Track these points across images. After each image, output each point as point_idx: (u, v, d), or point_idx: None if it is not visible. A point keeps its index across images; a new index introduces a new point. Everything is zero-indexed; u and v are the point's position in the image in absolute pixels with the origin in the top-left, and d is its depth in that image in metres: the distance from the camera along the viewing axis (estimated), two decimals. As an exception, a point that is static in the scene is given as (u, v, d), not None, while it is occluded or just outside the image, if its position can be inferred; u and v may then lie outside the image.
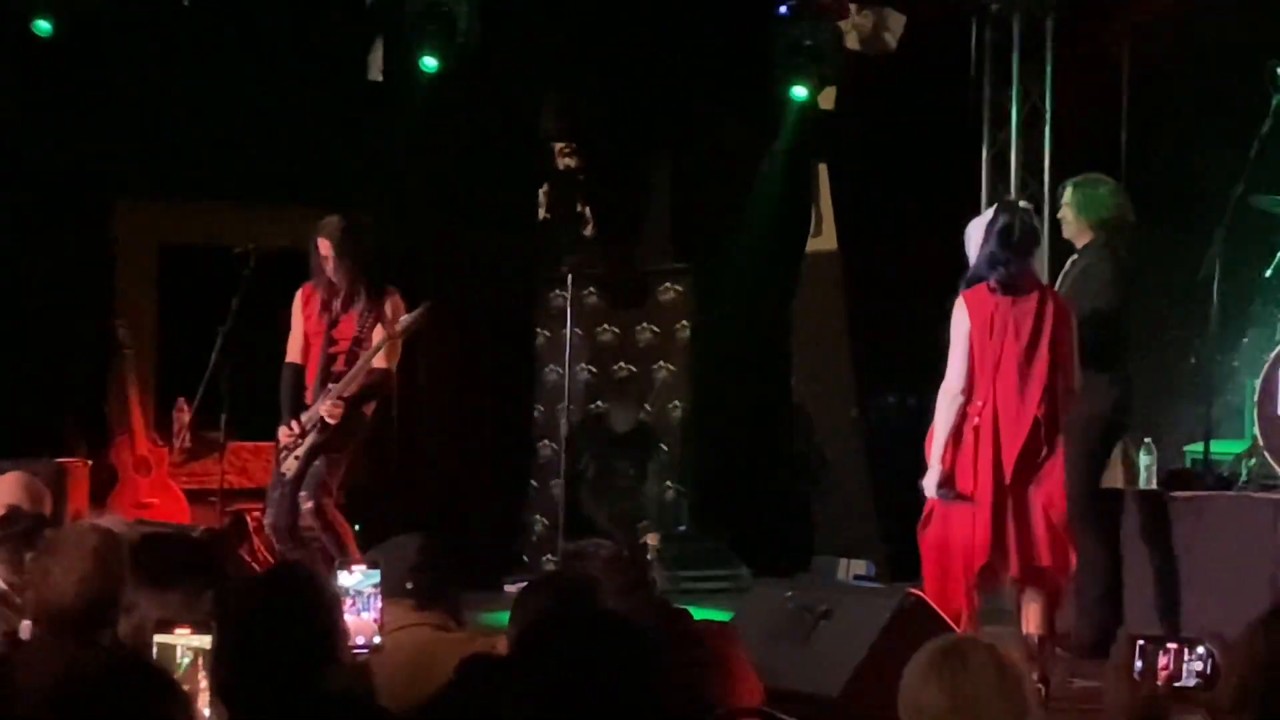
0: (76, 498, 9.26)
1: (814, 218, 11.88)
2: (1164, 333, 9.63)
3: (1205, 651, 3.49)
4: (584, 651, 3.07)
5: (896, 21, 11.26)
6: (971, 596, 7.07)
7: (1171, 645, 3.54)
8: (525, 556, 11.39)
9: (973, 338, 7.11)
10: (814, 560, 11.15)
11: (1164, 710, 3.49)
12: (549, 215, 11.73)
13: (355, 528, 8.83)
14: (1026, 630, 7.15)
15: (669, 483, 11.55)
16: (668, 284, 11.71)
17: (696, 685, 4.69)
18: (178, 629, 3.96)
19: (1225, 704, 3.07)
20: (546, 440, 11.65)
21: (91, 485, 9.67)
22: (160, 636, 3.97)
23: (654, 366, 11.74)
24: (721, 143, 11.47)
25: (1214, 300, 8.70)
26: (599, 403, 11.80)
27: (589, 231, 11.80)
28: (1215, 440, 8.87)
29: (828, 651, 6.59)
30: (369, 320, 8.58)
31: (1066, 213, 8.52)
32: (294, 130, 10.64)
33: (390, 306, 8.59)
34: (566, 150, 11.86)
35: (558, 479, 11.03)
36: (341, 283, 8.64)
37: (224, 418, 9.35)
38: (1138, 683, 3.52)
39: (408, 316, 8.58)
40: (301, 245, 8.84)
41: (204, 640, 3.81)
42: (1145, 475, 8.86)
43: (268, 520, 8.79)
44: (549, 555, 11.08)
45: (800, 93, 11.00)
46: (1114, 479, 9.05)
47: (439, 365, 10.95)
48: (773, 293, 11.61)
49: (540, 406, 11.76)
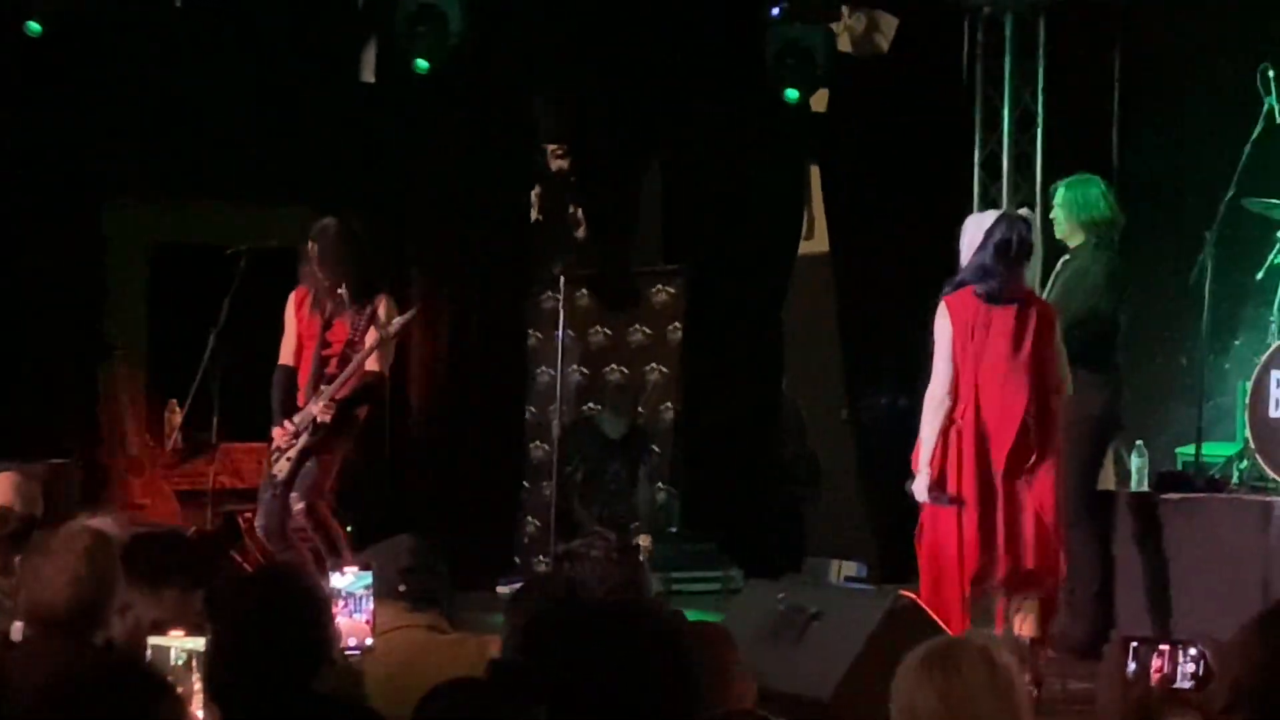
0: (68, 499, 9.25)
1: (806, 220, 11.88)
2: (1156, 335, 9.63)
3: (1198, 653, 3.49)
4: (584, 650, 3.06)
5: (889, 24, 11.27)
6: (966, 605, 7.07)
7: (1164, 646, 3.54)
8: (517, 558, 11.39)
9: (955, 342, 7.13)
10: (805, 562, 11.15)
11: (1156, 711, 3.49)
12: (541, 217, 11.73)
13: (347, 529, 8.83)
14: (1018, 632, 7.16)
15: (660, 484, 11.54)
16: (660, 286, 11.71)
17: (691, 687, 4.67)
18: (172, 631, 3.96)
19: (1218, 705, 3.08)
20: (538, 442, 11.65)
21: (83, 486, 9.66)
22: (154, 638, 3.97)
23: (646, 368, 11.74)
24: (713, 145, 11.47)
25: (1205, 303, 8.72)
26: (591, 404, 11.80)
27: (581, 233, 11.79)
28: (1207, 442, 8.88)
29: (819, 653, 6.59)
30: (362, 322, 8.57)
31: (1058, 214, 8.53)
32: (286, 131, 10.64)
33: (383, 309, 8.59)
34: (558, 152, 11.85)
35: (549, 481, 11.03)
36: (334, 285, 8.63)
37: (215, 419, 9.35)
38: (1130, 684, 3.52)
39: (400, 319, 8.58)
40: (293, 246, 8.85)
41: (198, 642, 3.81)
42: (1137, 477, 8.87)
43: (259, 521, 8.78)
44: (541, 557, 11.07)
45: (793, 95, 11.00)
46: (1106, 481, 9.06)
47: (431, 367, 10.95)
48: (764, 295, 11.61)
49: (532, 408, 11.76)
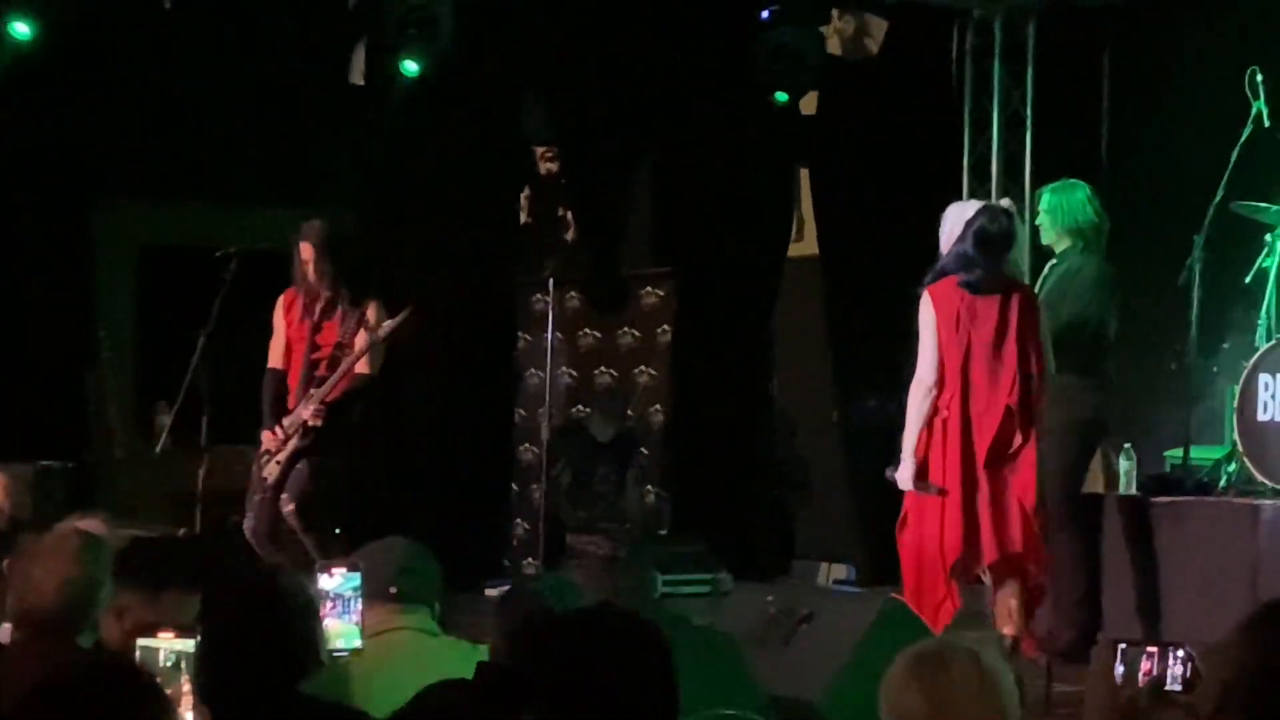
0: (56, 501, 9.23)
1: (795, 222, 11.89)
2: (1144, 338, 9.64)
3: (1185, 655, 3.50)
4: (572, 654, 3.06)
5: (878, 26, 11.28)
6: (951, 591, 7.09)
7: (1152, 649, 3.54)
8: (506, 560, 11.39)
9: (940, 331, 7.16)
10: (795, 565, 11.16)
11: (1145, 714, 3.49)
12: (530, 219, 11.73)
13: (336, 531, 8.82)
14: (1003, 630, 7.17)
15: (650, 487, 11.55)
16: (649, 288, 11.72)
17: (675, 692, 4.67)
18: (161, 632, 3.95)
19: (1206, 708, 3.08)
20: (528, 444, 11.65)
21: (71, 488, 9.64)
22: (143, 640, 3.96)
23: (635, 371, 11.75)
24: (703, 147, 11.47)
25: (1194, 306, 8.73)
26: (580, 407, 11.80)
27: (570, 236, 11.80)
28: (1195, 445, 8.89)
29: (808, 656, 6.59)
30: (352, 325, 8.57)
31: (1043, 219, 8.55)
32: (276, 133, 10.64)
33: (373, 312, 8.58)
34: (548, 154, 11.86)
35: (538, 483, 11.03)
36: (323, 287, 8.62)
37: (204, 421, 9.34)
38: (1118, 686, 3.53)
39: (390, 322, 8.58)
40: (283, 248, 8.83)
41: (187, 644, 3.81)
42: (1125, 480, 8.88)
43: (248, 524, 8.76)
44: (530, 559, 11.08)
45: (782, 97, 11.01)
46: (1094, 484, 9.07)
47: (421, 369, 10.94)
48: (754, 297, 11.61)
49: (521, 410, 11.76)
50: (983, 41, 11.06)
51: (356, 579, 4.58)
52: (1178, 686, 3.49)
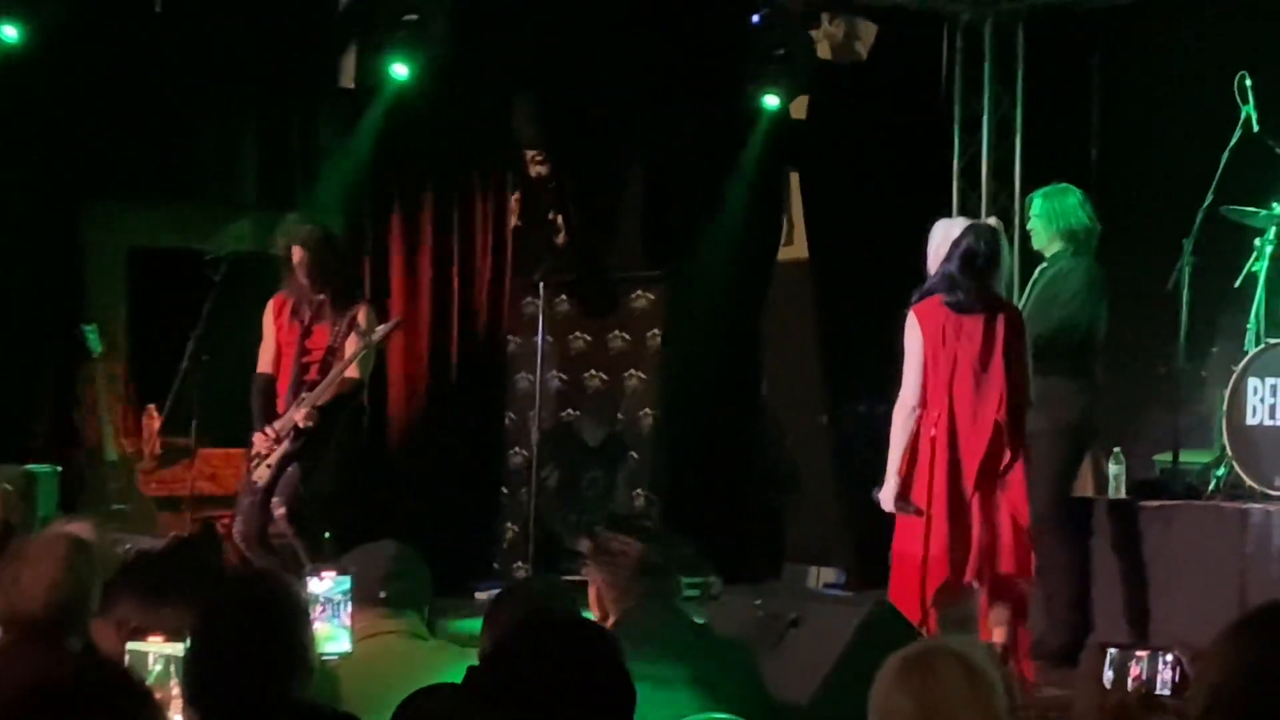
0: (45, 504, 9.22)
1: (785, 226, 11.89)
2: (1133, 342, 9.66)
3: (1175, 659, 3.50)
4: (564, 657, 3.06)
5: (868, 31, 11.29)
6: (929, 612, 7.07)
7: (1141, 653, 3.55)
8: (496, 564, 11.38)
9: (926, 351, 7.16)
10: (784, 568, 11.16)
11: (1133, 718, 3.50)
12: (521, 223, 11.72)
13: (326, 535, 8.82)
14: (992, 638, 7.18)
15: (639, 490, 11.54)
16: (639, 291, 11.72)
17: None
18: (151, 636, 3.95)
19: (1194, 712, 3.08)
20: (518, 448, 11.64)
21: (60, 492, 9.62)
22: (133, 644, 3.95)
23: (625, 374, 11.74)
24: (693, 151, 11.47)
25: (1183, 310, 8.75)
26: (570, 410, 11.80)
27: (560, 239, 11.79)
28: (1184, 449, 8.91)
29: (797, 659, 6.58)
30: (342, 329, 8.56)
31: (1035, 224, 8.57)
32: (266, 135, 10.62)
33: (363, 316, 8.57)
34: (538, 158, 11.85)
35: (528, 487, 11.03)
36: (313, 291, 8.62)
37: (194, 424, 9.34)
38: (1107, 690, 3.53)
39: (382, 327, 8.57)
40: (273, 250, 8.83)
41: (176, 648, 3.80)
42: (1114, 484, 8.90)
43: (237, 528, 8.75)
44: (520, 563, 11.07)
45: (772, 101, 11.02)
46: (1083, 488, 9.09)
47: (411, 371, 10.94)
48: (744, 301, 11.61)
49: (511, 414, 11.75)
50: (972, 46, 11.07)
51: (346, 582, 4.59)
52: (1167, 691, 3.50)
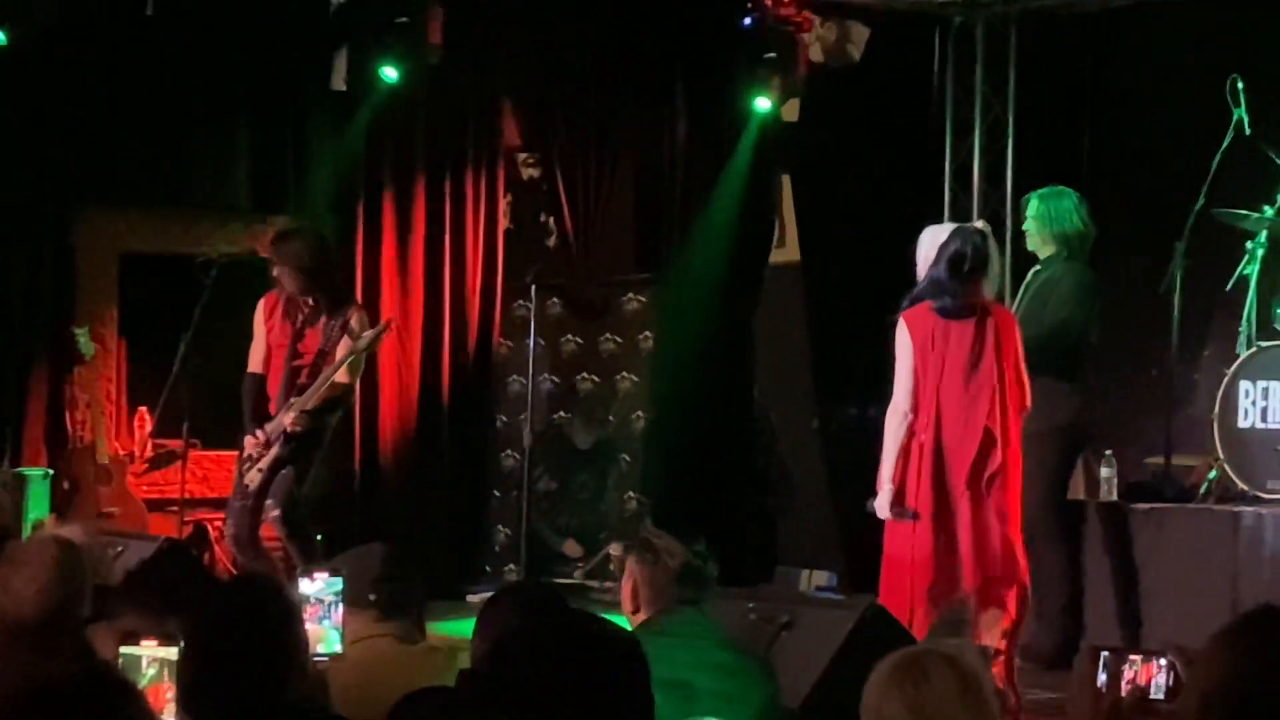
0: (36, 507, 9.22)
1: (777, 229, 11.88)
2: (1126, 346, 9.66)
3: (1168, 663, 3.50)
4: (553, 661, 3.06)
5: (860, 33, 11.27)
6: (917, 616, 7.07)
7: (1135, 657, 3.55)
8: (488, 567, 11.37)
9: (915, 357, 7.17)
10: (776, 571, 11.15)
11: (1126, 721, 3.50)
12: (512, 225, 11.72)
13: (318, 538, 8.81)
14: (984, 642, 7.17)
15: (631, 493, 11.54)
16: (631, 294, 11.72)
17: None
18: (144, 640, 3.94)
19: (1187, 716, 3.08)
20: (509, 450, 11.63)
21: (52, 495, 9.62)
22: (126, 647, 3.95)
23: (617, 377, 11.75)
24: (685, 154, 11.47)
25: (1175, 313, 8.75)
26: (562, 413, 11.80)
27: (552, 242, 11.79)
28: (1176, 453, 8.91)
29: (789, 663, 6.58)
30: (334, 333, 8.55)
31: (1030, 226, 8.57)
32: (257, 139, 10.61)
33: (355, 320, 8.56)
34: (529, 160, 11.85)
35: (520, 490, 11.02)
36: (303, 294, 8.61)
37: (185, 427, 9.33)
38: (1100, 693, 3.53)
39: (371, 331, 8.57)
40: (263, 254, 8.82)
41: (170, 651, 3.80)
42: (1106, 487, 8.89)
43: (228, 530, 8.75)
44: (511, 565, 11.07)
45: (764, 104, 11.02)
46: (1075, 490, 9.08)
47: (403, 374, 10.93)
48: (735, 304, 11.60)
49: (503, 417, 11.74)
50: (965, 48, 11.07)
51: (338, 583, 4.59)
52: (1161, 695, 3.50)
